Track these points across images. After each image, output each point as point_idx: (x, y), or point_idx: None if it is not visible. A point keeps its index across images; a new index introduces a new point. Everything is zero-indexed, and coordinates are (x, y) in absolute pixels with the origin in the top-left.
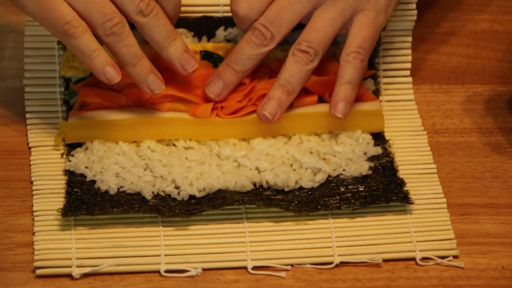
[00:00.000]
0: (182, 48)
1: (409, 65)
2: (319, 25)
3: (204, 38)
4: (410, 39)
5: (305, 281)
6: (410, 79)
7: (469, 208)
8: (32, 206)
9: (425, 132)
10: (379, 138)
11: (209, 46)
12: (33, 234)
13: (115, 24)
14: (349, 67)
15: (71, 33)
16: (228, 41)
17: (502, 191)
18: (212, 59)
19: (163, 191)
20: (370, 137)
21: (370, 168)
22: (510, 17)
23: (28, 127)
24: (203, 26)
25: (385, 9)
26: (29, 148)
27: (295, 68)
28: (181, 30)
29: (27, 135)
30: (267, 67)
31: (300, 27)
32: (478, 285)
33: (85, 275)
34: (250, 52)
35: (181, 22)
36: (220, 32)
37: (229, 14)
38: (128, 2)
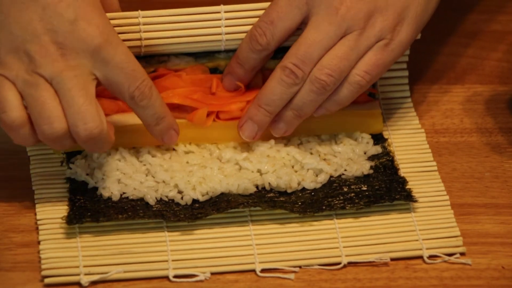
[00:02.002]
0: (167, 128)
1: (404, 66)
2: (343, 53)
3: None
4: None
5: (305, 281)
6: (406, 73)
7: (469, 208)
8: (31, 206)
9: (423, 130)
10: (378, 137)
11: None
12: (38, 243)
13: (50, 133)
14: (348, 88)
15: (7, 124)
16: None
17: (502, 191)
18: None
19: (166, 196)
20: (369, 136)
21: (371, 167)
22: (510, 17)
23: None
24: (205, 60)
25: (405, 41)
26: (28, 156)
27: (309, 97)
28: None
29: None
30: (261, 75)
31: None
32: (478, 285)
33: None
34: (282, 92)
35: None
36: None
37: (232, 47)
38: (124, 86)
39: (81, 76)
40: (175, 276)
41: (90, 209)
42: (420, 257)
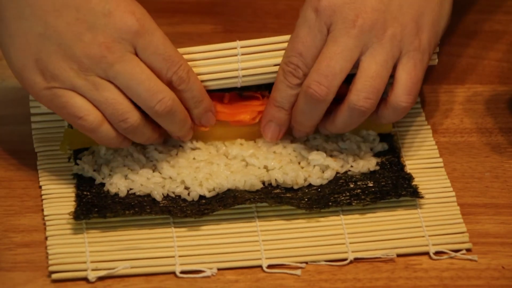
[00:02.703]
0: (205, 110)
1: None
2: (374, 71)
3: None
4: None
5: (305, 281)
6: None
7: (469, 208)
8: (32, 206)
9: (429, 127)
10: (384, 133)
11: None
12: (46, 238)
13: (127, 126)
14: (395, 113)
15: (87, 128)
16: None
17: (502, 191)
18: None
19: (173, 192)
20: (375, 133)
21: (377, 163)
22: (510, 17)
23: (33, 131)
24: None
25: (428, 48)
26: (36, 152)
27: (351, 121)
28: None
29: (28, 135)
30: None
31: None
32: (478, 285)
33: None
34: (310, 111)
35: None
36: None
37: (248, 84)
38: (162, 71)
39: (131, 61)
40: (182, 272)
41: (97, 205)
42: (426, 253)
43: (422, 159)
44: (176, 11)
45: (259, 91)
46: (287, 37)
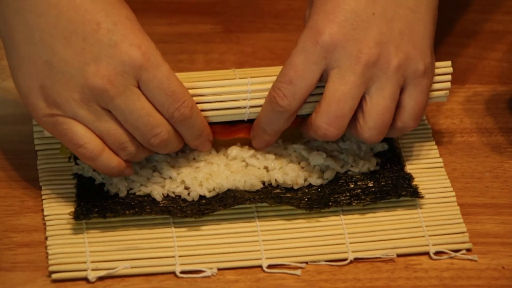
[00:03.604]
0: (203, 141)
1: None
2: (383, 107)
3: None
4: None
5: (305, 281)
6: None
7: (469, 208)
8: (32, 206)
9: (429, 127)
10: None
11: None
12: (46, 238)
13: (126, 154)
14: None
15: (87, 157)
16: None
17: (502, 191)
18: None
19: (173, 192)
20: None
21: (377, 163)
22: (510, 17)
23: (34, 129)
24: None
25: (432, 68)
26: (36, 151)
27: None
28: None
29: (28, 135)
30: None
31: None
32: (478, 285)
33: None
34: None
35: None
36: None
37: (254, 117)
38: (163, 106)
39: (132, 96)
40: (182, 272)
41: (97, 205)
42: (426, 253)
43: (422, 159)
44: (176, 11)
45: None
46: None
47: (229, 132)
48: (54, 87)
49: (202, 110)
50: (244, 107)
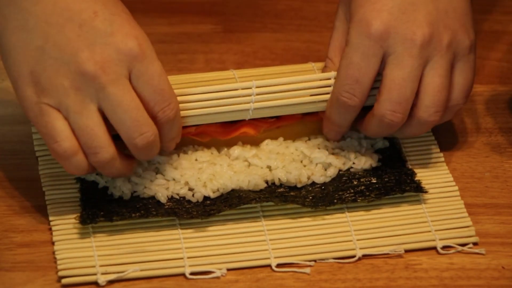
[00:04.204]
0: (172, 147)
1: None
2: (438, 85)
3: None
4: None
5: (305, 281)
6: None
7: (469, 208)
8: (32, 206)
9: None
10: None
11: None
12: (53, 243)
13: (97, 160)
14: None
15: (59, 154)
16: None
17: (502, 191)
18: None
19: (177, 194)
20: None
21: (379, 160)
22: (510, 17)
23: (34, 136)
24: None
25: (475, 43)
26: (36, 157)
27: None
28: None
29: (28, 135)
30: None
31: None
32: (478, 285)
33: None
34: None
35: None
36: None
37: (256, 117)
38: (149, 103)
39: (123, 87)
40: (192, 273)
41: (103, 209)
42: (434, 248)
43: (423, 155)
44: (176, 11)
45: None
46: (302, 77)
47: (230, 131)
48: (44, 72)
49: (202, 115)
50: (247, 109)
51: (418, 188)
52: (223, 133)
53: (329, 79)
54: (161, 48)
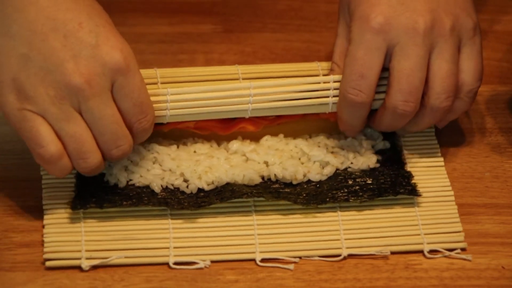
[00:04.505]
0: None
1: None
2: (446, 71)
3: None
4: None
5: (305, 281)
6: None
7: (469, 208)
8: (32, 206)
9: (432, 125)
10: (387, 132)
11: None
12: (43, 226)
13: (86, 166)
14: (469, 101)
15: (45, 159)
16: None
17: (502, 191)
18: None
19: (172, 184)
20: (379, 131)
21: (378, 161)
22: (510, 17)
23: None
24: None
25: (478, 25)
26: (29, 157)
27: (430, 122)
28: None
29: None
30: None
31: None
32: (478, 285)
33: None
34: (398, 124)
35: None
36: None
37: (256, 115)
38: (128, 114)
39: (106, 101)
40: (175, 263)
41: (96, 195)
42: (421, 251)
43: (423, 158)
44: (176, 11)
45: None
46: (302, 79)
47: (229, 126)
48: (28, 80)
49: (200, 113)
50: (246, 110)
51: (412, 191)
52: (222, 128)
53: (328, 82)
54: (161, 48)
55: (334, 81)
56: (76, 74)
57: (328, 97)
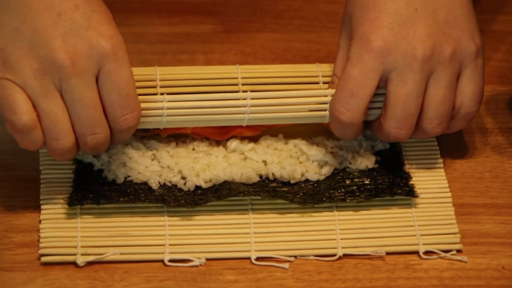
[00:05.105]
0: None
1: None
2: (441, 97)
3: None
4: None
5: (305, 281)
6: None
7: (469, 208)
8: (32, 206)
9: None
10: None
11: None
12: (39, 222)
13: (56, 148)
14: (466, 122)
15: (16, 127)
16: None
17: (502, 191)
18: None
19: (170, 181)
20: None
21: (377, 161)
22: (510, 17)
23: None
24: None
25: (482, 46)
26: (29, 157)
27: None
28: None
29: None
30: None
31: None
32: (478, 285)
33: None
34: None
35: None
36: None
37: (253, 124)
38: (112, 107)
39: (88, 83)
40: (170, 261)
41: (93, 191)
42: (416, 252)
43: (423, 159)
44: (176, 11)
45: None
46: (300, 92)
47: (226, 132)
48: (14, 51)
49: (196, 120)
50: (243, 120)
51: (409, 192)
52: (219, 134)
53: (326, 96)
54: (161, 48)
55: (332, 96)
56: (61, 50)
57: (325, 110)
